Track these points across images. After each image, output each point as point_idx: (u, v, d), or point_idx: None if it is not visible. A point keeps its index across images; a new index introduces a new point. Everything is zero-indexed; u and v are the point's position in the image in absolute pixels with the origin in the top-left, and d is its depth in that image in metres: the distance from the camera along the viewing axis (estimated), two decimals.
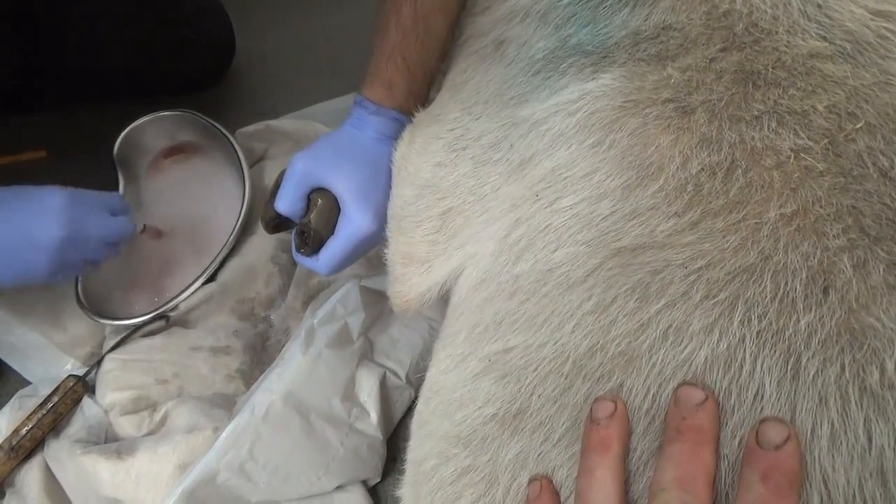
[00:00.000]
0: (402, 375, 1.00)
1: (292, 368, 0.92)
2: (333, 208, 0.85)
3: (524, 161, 0.63)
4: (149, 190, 1.21)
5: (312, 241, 0.85)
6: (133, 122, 1.18)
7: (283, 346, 1.03)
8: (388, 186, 0.84)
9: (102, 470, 0.86)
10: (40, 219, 0.85)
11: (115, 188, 1.14)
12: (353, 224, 0.84)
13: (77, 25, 1.32)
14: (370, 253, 0.89)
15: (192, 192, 1.20)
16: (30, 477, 0.88)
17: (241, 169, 1.12)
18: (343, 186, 0.83)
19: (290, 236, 0.91)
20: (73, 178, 1.22)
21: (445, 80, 0.83)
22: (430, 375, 0.67)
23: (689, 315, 0.47)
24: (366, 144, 0.86)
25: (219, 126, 1.14)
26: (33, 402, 0.92)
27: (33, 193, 0.85)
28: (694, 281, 0.47)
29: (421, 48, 0.85)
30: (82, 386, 0.96)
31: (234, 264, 1.09)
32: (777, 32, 0.54)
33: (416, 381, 1.02)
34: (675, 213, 0.50)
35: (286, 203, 0.86)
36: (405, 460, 0.71)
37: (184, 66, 1.43)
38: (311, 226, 0.84)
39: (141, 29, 1.37)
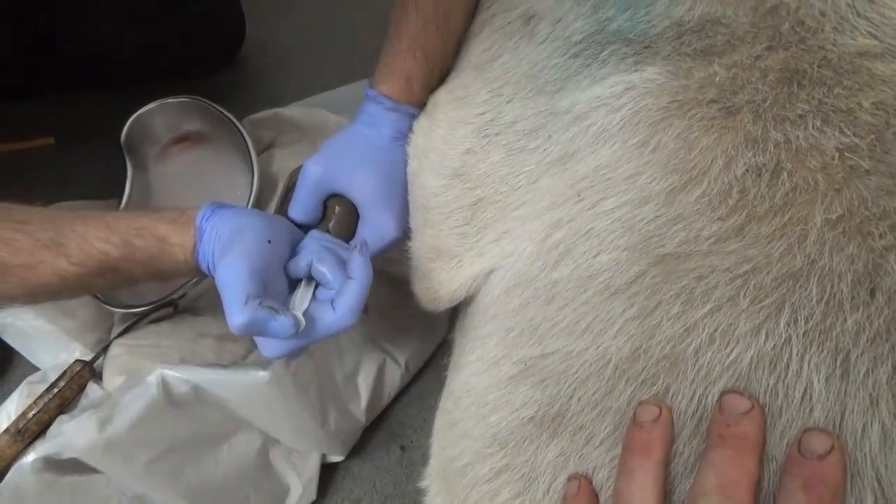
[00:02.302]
0: (402, 362, 1.02)
1: None
2: (352, 214, 0.82)
3: (566, 155, 0.62)
4: (157, 177, 1.20)
5: None
6: (141, 108, 1.16)
7: None
8: (406, 188, 0.81)
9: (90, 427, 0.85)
10: None
11: (123, 175, 1.14)
12: (378, 231, 0.80)
13: (87, 10, 1.32)
14: None
15: (200, 179, 1.20)
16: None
17: (250, 156, 1.11)
18: (362, 193, 0.80)
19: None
20: (81, 164, 1.21)
21: (464, 58, 0.80)
22: (461, 377, 0.67)
23: (736, 319, 0.48)
24: (381, 145, 0.82)
25: (227, 113, 1.14)
26: (42, 388, 0.93)
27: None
28: (740, 286, 0.48)
29: (440, 40, 0.81)
30: (89, 371, 0.97)
31: None
32: (823, 30, 0.54)
33: (413, 367, 1.04)
34: (720, 217, 0.51)
35: (301, 211, 0.82)
36: (430, 453, 0.73)
37: (194, 49, 1.44)
38: (332, 234, 0.80)
39: (152, 12, 1.35)
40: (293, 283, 0.73)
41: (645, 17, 0.60)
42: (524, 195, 0.64)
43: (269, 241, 0.70)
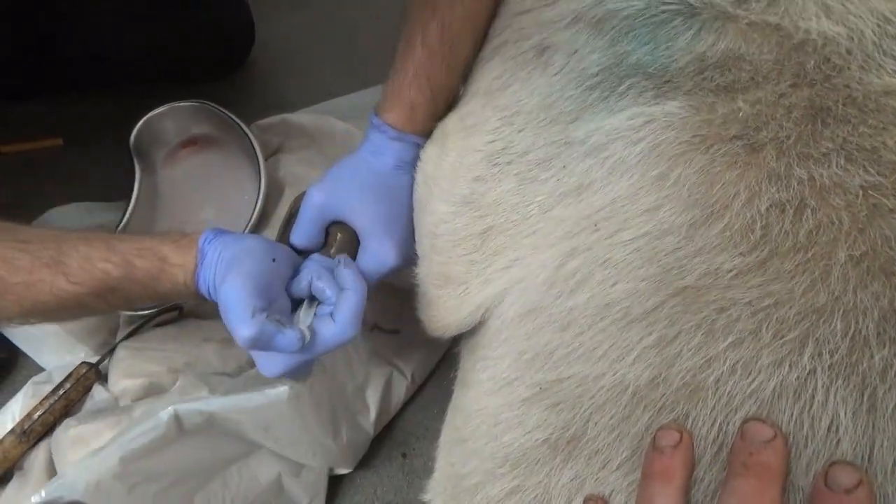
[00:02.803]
0: (409, 374, 1.01)
1: None
2: (354, 241, 0.82)
3: (581, 186, 0.61)
4: (165, 179, 1.20)
5: None
6: (150, 111, 1.17)
7: None
8: (409, 216, 0.82)
9: (98, 438, 0.85)
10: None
11: (132, 178, 1.14)
12: (377, 259, 0.80)
13: (97, 11, 1.30)
14: None
15: (207, 182, 1.20)
16: (37, 459, 0.89)
17: (257, 161, 1.12)
18: (363, 221, 0.80)
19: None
20: (90, 166, 1.20)
21: (474, 83, 0.78)
22: (472, 395, 0.66)
23: (759, 352, 0.47)
24: (385, 174, 0.82)
25: (236, 118, 1.15)
26: (47, 389, 0.93)
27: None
28: (762, 319, 0.48)
29: (446, 71, 0.80)
30: (94, 373, 0.96)
31: None
32: (849, 69, 0.54)
33: (419, 378, 1.03)
34: (741, 253, 0.50)
35: (303, 237, 0.83)
36: (435, 467, 0.72)
37: (202, 55, 1.44)
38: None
39: (162, 15, 1.35)
40: (295, 304, 0.75)
41: (666, 52, 0.60)
42: (535, 224, 0.64)
43: (273, 260, 0.73)
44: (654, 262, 0.53)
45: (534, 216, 0.64)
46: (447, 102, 0.81)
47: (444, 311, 0.74)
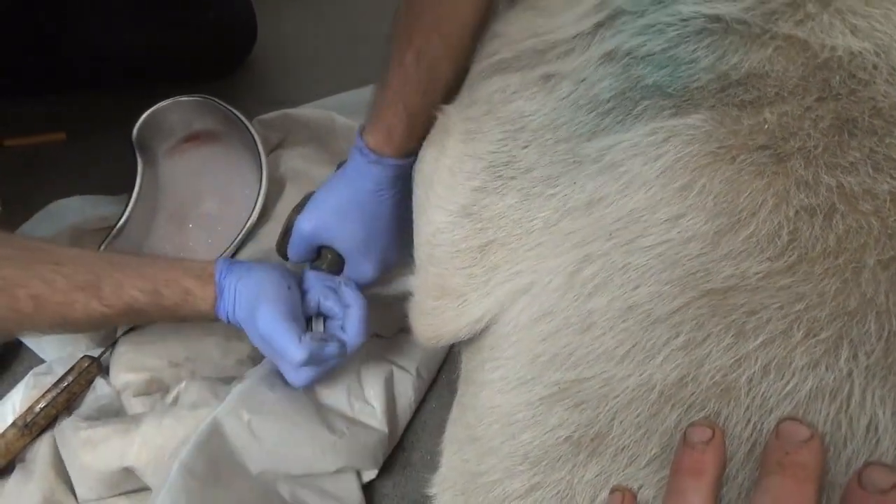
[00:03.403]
0: (412, 370, 1.00)
1: None
2: (340, 260, 0.95)
3: (592, 202, 0.60)
4: (167, 174, 1.19)
5: None
6: (153, 105, 1.16)
7: None
8: (389, 230, 0.91)
9: (103, 443, 0.85)
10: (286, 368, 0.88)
11: (134, 172, 1.13)
12: (358, 276, 0.94)
13: (100, 8, 1.28)
14: None
15: (209, 177, 1.19)
16: (39, 452, 0.87)
17: (259, 156, 1.12)
18: (343, 246, 0.92)
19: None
20: (92, 160, 1.19)
21: (474, 90, 0.76)
22: (484, 394, 0.65)
23: (791, 352, 0.47)
24: (363, 200, 0.90)
25: (238, 113, 1.15)
26: (47, 380, 0.92)
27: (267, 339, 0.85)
28: (793, 321, 0.48)
29: (422, 97, 0.84)
30: (97, 367, 0.96)
31: (249, 250, 1.10)
32: (875, 83, 0.54)
33: (427, 375, 1.01)
34: (769, 258, 0.50)
35: (297, 256, 0.96)
36: (441, 462, 0.72)
37: (205, 51, 1.42)
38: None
39: (163, 14, 1.34)
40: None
41: (686, 72, 0.59)
42: (539, 238, 0.64)
43: (289, 287, 0.86)
44: (677, 266, 0.53)
45: (537, 231, 0.64)
46: (425, 125, 0.83)
47: (439, 321, 0.73)
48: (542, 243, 0.63)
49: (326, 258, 0.94)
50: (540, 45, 0.69)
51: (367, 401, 0.95)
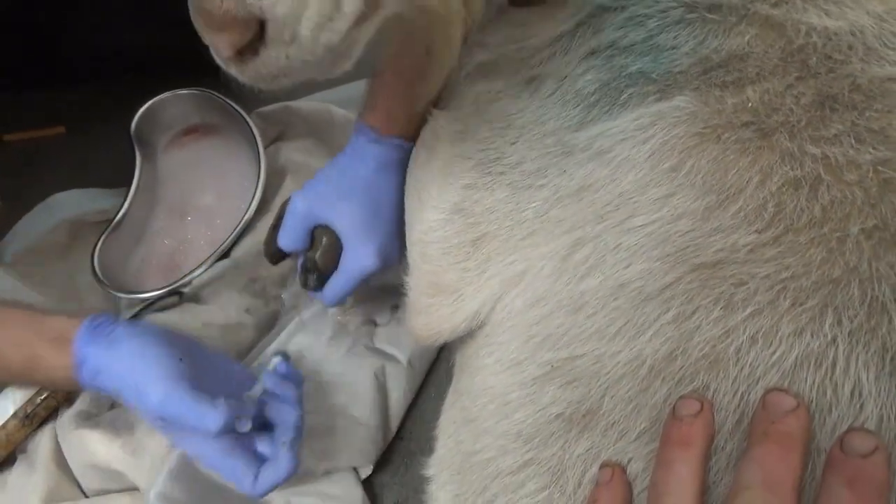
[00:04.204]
0: (404, 360, 0.99)
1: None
2: (336, 245, 0.85)
3: (581, 188, 0.61)
4: (166, 167, 1.20)
5: (317, 279, 0.88)
6: (152, 98, 1.17)
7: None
8: (391, 219, 0.83)
9: (98, 444, 0.86)
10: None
11: (133, 165, 1.13)
12: (357, 262, 0.84)
13: (99, 7, 1.30)
14: None
15: (208, 170, 1.19)
16: (41, 444, 0.88)
17: (258, 149, 1.12)
18: (345, 225, 0.83)
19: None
20: (91, 153, 1.19)
21: (460, 93, 0.77)
22: (479, 378, 0.66)
23: (778, 321, 0.47)
24: (366, 177, 0.83)
25: (236, 106, 1.15)
26: None
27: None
28: (780, 291, 0.48)
29: (420, 84, 0.81)
30: None
31: (247, 242, 1.09)
32: (851, 62, 0.55)
33: (421, 365, 1.00)
34: (756, 230, 0.51)
35: (289, 241, 0.87)
36: (437, 446, 0.72)
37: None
38: (317, 265, 0.86)
39: (162, 12, 1.33)
40: None
41: (668, 59, 0.60)
42: (531, 227, 0.64)
43: (180, 360, 0.73)
44: (668, 242, 0.53)
45: (529, 220, 0.64)
46: (428, 103, 0.81)
47: (436, 318, 0.73)
48: (534, 232, 0.63)
49: (321, 243, 0.85)
50: (522, 53, 0.70)
51: (355, 394, 0.94)
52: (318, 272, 0.86)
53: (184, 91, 1.17)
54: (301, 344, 0.98)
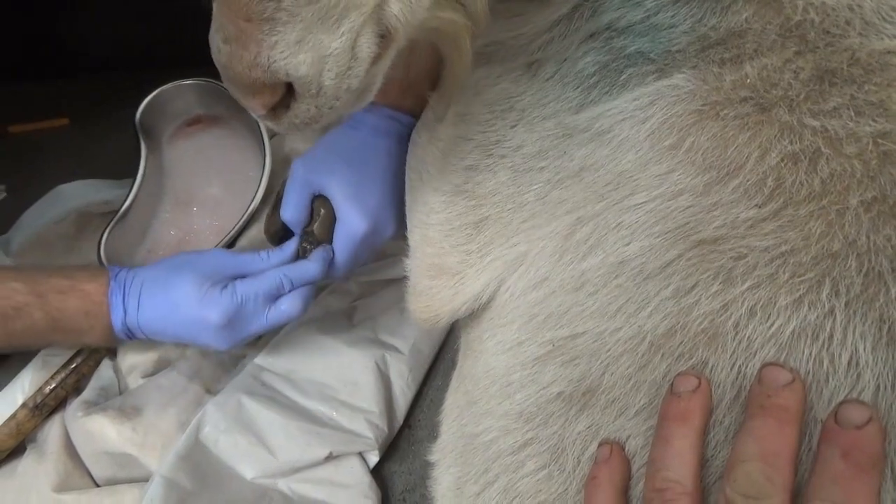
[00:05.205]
0: (406, 350, 0.99)
1: (285, 350, 0.97)
2: (333, 215, 0.86)
3: (582, 169, 0.61)
4: (171, 158, 1.19)
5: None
6: (156, 89, 1.16)
7: None
8: (383, 183, 0.84)
9: (108, 428, 0.86)
10: (203, 332, 0.83)
11: (138, 155, 1.12)
12: (346, 227, 0.84)
13: (99, 3, 1.28)
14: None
15: (213, 160, 1.19)
16: (51, 434, 0.88)
17: (262, 139, 1.11)
18: (336, 190, 0.84)
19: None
20: (96, 144, 1.20)
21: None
22: (481, 361, 0.66)
23: (776, 293, 0.47)
24: (359, 141, 0.85)
25: None
26: (56, 361, 0.93)
27: (193, 308, 0.82)
28: (780, 264, 0.48)
29: (406, 62, 0.83)
30: (105, 348, 0.96)
31: (253, 232, 1.10)
32: (849, 36, 0.54)
33: (422, 354, 1.01)
34: (756, 204, 0.51)
35: (291, 211, 0.87)
36: (441, 430, 0.72)
37: (204, 36, 1.38)
38: (315, 236, 0.86)
39: (163, 5, 1.34)
40: None
41: (666, 38, 0.60)
42: (533, 209, 0.64)
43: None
44: (668, 219, 0.53)
45: (530, 203, 0.64)
46: (426, 74, 0.82)
47: (437, 301, 0.73)
48: (536, 214, 0.63)
49: (319, 214, 0.86)
50: (520, 40, 0.70)
51: (356, 383, 0.95)
52: (317, 243, 0.86)
53: (188, 81, 1.17)
54: (302, 334, 0.99)
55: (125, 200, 1.08)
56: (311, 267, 0.84)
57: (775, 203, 0.50)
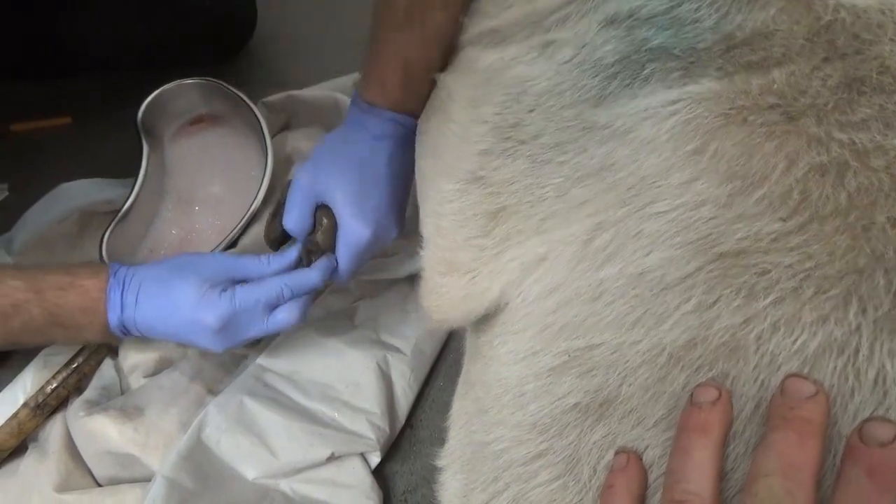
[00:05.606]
0: (408, 351, 0.99)
1: (286, 351, 0.97)
2: (336, 224, 0.87)
3: (602, 168, 0.60)
4: (172, 157, 1.20)
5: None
6: (158, 88, 1.17)
7: None
8: (386, 188, 0.85)
9: (109, 428, 0.86)
10: (199, 334, 0.83)
11: (140, 154, 1.13)
12: (349, 235, 0.85)
13: (99, 2, 1.28)
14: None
15: (215, 159, 1.20)
16: (53, 433, 0.89)
17: (264, 138, 1.12)
18: (337, 198, 0.84)
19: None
20: (98, 143, 1.20)
21: (471, 59, 0.74)
22: (492, 368, 0.65)
23: (800, 309, 0.47)
24: (359, 147, 0.85)
25: (243, 95, 1.16)
26: (58, 360, 0.93)
27: (193, 309, 0.82)
28: (803, 279, 0.48)
29: (420, 44, 0.80)
30: (106, 347, 0.97)
31: (255, 231, 1.10)
32: (880, 42, 0.53)
33: (424, 355, 1.01)
34: (781, 217, 0.50)
35: (293, 219, 0.87)
36: (448, 436, 0.72)
37: (205, 37, 1.40)
38: (319, 245, 0.87)
39: (164, 3, 1.34)
40: None
41: (690, 33, 0.58)
42: (551, 206, 0.62)
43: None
44: (690, 230, 0.53)
45: (550, 199, 0.62)
46: (422, 81, 0.81)
47: (446, 302, 0.71)
48: (556, 213, 0.62)
49: (322, 224, 0.86)
50: (532, 17, 0.68)
51: (358, 384, 0.95)
52: (320, 252, 0.87)
53: (190, 80, 1.18)
54: (303, 335, 0.99)
55: (127, 199, 1.10)
56: (313, 276, 0.85)
57: (800, 217, 0.49)
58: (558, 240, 0.61)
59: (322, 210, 0.86)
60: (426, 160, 0.77)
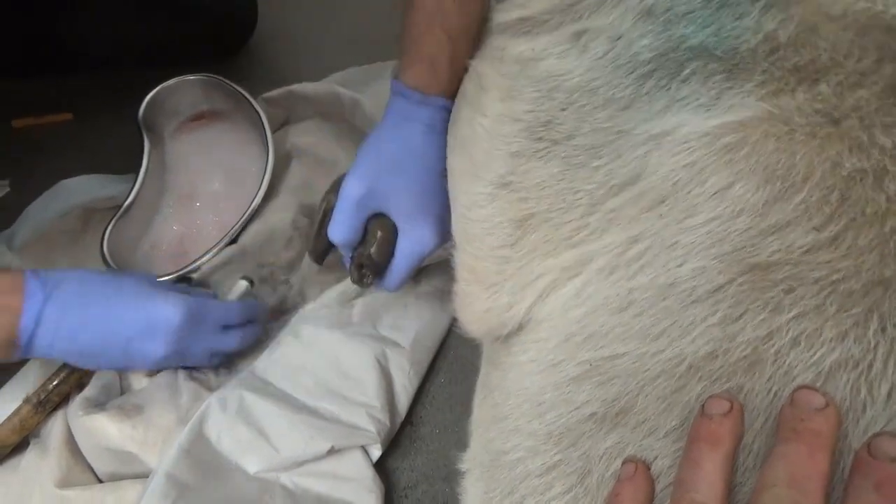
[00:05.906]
0: (407, 345, 1.00)
1: (285, 348, 0.98)
2: (391, 235, 0.82)
3: (637, 176, 0.59)
4: (173, 153, 1.23)
5: (374, 275, 0.84)
6: (159, 84, 1.19)
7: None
8: (444, 189, 0.77)
9: (108, 426, 0.87)
10: (148, 336, 0.81)
11: (141, 151, 1.16)
12: (413, 244, 0.80)
13: (98, 2, 1.29)
14: None
15: (215, 156, 1.23)
16: (54, 430, 0.91)
17: (265, 134, 1.15)
18: (398, 209, 0.79)
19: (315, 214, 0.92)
20: (99, 140, 1.20)
21: (502, 47, 0.71)
22: (512, 376, 0.65)
23: (822, 326, 0.48)
24: (414, 147, 0.78)
25: (243, 91, 1.19)
26: None
27: (152, 303, 0.81)
28: (828, 294, 0.48)
29: (459, 9, 0.76)
30: None
31: (255, 228, 1.12)
32: None
33: (422, 349, 1.00)
34: (815, 227, 0.50)
35: (342, 233, 0.82)
36: (470, 441, 0.72)
37: (206, 36, 1.40)
38: (373, 259, 0.82)
39: (164, 2, 1.34)
40: None
41: (733, 32, 0.56)
42: (585, 214, 0.61)
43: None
44: (725, 241, 0.53)
45: (583, 207, 0.61)
46: (469, 49, 0.76)
47: (469, 313, 0.71)
48: (589, 224, 0.61)
49: (375, 237, 0.80)
50: (563, 3, 0.66)
51: (357, 379, 0.96)
52: (374, 266, 0.84)
53: (191, 77, 1.21)
54: (302, 331, 1.01)
55: (128, 195, 1.15)
56: (230, 342, 0.89)
57: (835, 226, 0.49)
58: (590, 251, 0.60)
59: (377, 221, 0.81)
60: (456, 157, 0.75)
